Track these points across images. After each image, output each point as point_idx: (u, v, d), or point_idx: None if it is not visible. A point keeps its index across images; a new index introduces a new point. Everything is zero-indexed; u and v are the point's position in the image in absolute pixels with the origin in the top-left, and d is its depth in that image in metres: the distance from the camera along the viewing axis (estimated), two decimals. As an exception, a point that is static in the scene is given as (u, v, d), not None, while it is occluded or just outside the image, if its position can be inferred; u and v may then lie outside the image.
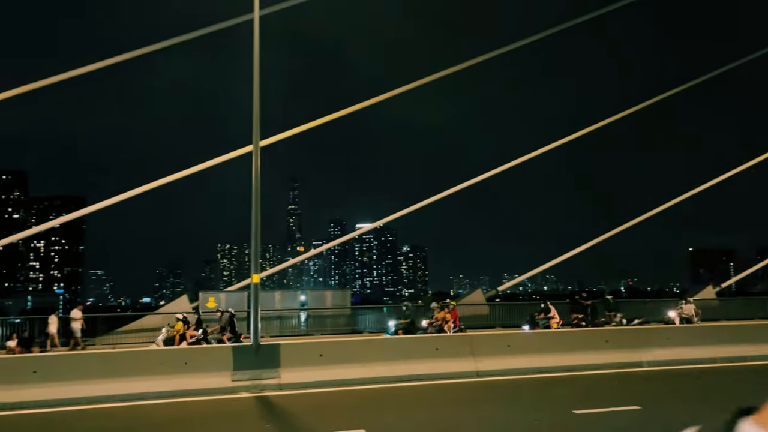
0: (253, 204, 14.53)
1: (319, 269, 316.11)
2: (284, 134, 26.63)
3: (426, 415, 10.56)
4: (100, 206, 26.46)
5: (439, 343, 14.82)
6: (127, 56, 25.08)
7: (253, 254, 14.50)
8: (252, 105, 15.18)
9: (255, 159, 14.86)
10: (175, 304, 27.04)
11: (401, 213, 31.92)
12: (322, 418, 10.40)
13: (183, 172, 26.58)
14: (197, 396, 12.10)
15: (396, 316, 25.60)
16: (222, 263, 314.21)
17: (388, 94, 29.35)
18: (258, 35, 15.29)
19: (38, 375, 11.89)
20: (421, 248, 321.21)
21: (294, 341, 16.04)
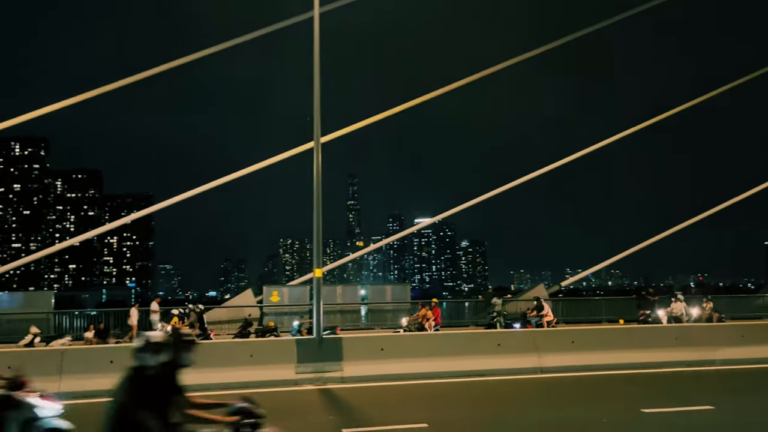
0: (314, 200, 14.74)
1: (378, 264, 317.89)
2: (344, 130, 26.88)
3: (489, 410, 10.48)
4: (168, 203, 27.47)
5: (502, 338, 14.67)
6: (193, 57, 25.89)
7: (315, 249, 14.71)
8: (312, 102, 15.38)
9: (316, 155, 15.06)
10: (240, 298, 27.79)
11: (460, 207, 31.72)
12: (385, 411, 10.48)
13: (246, 170, 27.25)
14: (262, 387, 12.38)
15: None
16: (284, 258, 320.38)
17: (447, 88, 29.20)
18: (318, 32, 15.47)
19: (115, 364, 12.44)
20: (481, 243, 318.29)
21: (355, 335, 16.20)
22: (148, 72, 25.39)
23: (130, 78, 25.29)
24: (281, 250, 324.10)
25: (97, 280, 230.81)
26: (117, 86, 25.14)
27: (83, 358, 12.60)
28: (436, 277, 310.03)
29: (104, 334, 20.80)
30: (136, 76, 25.29)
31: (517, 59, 28.93)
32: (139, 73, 25.34)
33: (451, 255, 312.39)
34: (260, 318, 25.42)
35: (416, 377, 13.16)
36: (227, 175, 27.11)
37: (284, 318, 25.72)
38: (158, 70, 25.42)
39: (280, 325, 23.78)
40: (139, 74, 25.33)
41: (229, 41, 25.63)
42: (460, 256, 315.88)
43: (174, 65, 25.65)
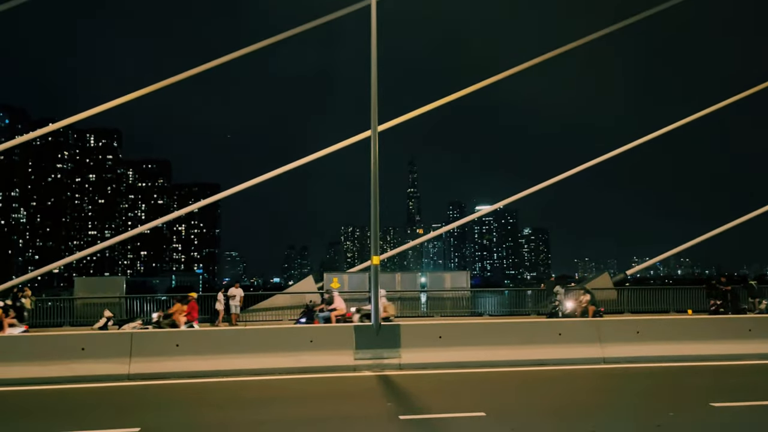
0: (372, 188, 14.79)
1: (438, 251, 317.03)
2: (402, 118, 26.83)
3: (548, 399, 10.30)
4: (233, 191, 28.20)
5: (563, 327, 14.35)
6: (254, 47, 26.34)
7: (373, 237, 14.77)
8: (370, 89, 15.38)
9: (373, 144, 15.08)
10: (301, 285, 28.33)
11: (522, 194, 31.19)
12: (443, 399, 10.45)
13: (308, 158, 27.62)
14: (321, 373, 12.60)
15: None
16: (345, 245, 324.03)
17: (506, 73, 28.64)
18: (375, 18, 15.42)
19: (180, 348, 12.91)
20: (544, 230, 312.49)
21: (414, 322, 16.20)
22: (212, 63, 26.02)
23: (195, 69, 25.98)
24: (342, 238, 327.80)
25: (167, 267, 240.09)
26: (182, 77, 25.90)
27: (151, 342, 13.10)
28: (497, 265, 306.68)
29: (167, 318, 21.53)
30: (200, 67, 25.95)
31: (583, 40, 28.07)
32: (203, 64, 26.01)
33: (513, 243, 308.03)
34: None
35: (474, 365, 13.07)
36: (290, 163, 27.58)
37: (346, 304, 26.03)
38: (222, 60, 26.02)
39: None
40: (203, 65, 25.98)
41: (290, 31, 25.92)
42: (522, 243, 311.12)
43: (238, 55, 26.19)
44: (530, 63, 28.63)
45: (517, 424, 8.61)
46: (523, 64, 28.66)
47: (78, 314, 24.64)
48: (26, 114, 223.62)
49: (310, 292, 26.34)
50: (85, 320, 23.29)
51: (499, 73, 28.67)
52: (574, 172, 30.82)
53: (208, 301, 25.33)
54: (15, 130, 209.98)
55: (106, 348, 12.74)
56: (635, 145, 30.40)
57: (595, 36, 28.30)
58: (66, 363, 12.29)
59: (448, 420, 8.89)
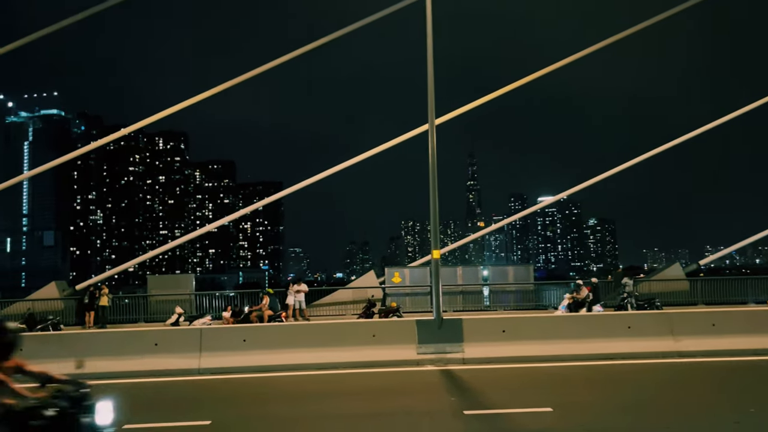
0: (430, 181, 14.71)
1: (500, 244, 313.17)
2: (460, 110, 26.57)
3: (618, 395, 9.97)
4: (295, 188, 28.69)
5: (632, 320, 13.88)
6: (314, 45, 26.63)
7: (433, 230, 14.70)
8: (426, 83, 15.28)
9: (431, 136, 14.99)
10: (363, 280, 28.51)
11: (586, 184, 30.42)
12: (508, 394, 10.29)
13: (367, 153, 27.77)
14: (384, 367, 12.62)
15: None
16: (406, 240, 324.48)
17: (564, 61, 27.91)
18: (430, 11, 15.30)
19: (247, 343, 13.23)
20: (610, 221, 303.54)
21: (476, 316, 16.04)
22: (270, 64, 26.47)
23: (254, 71, 26.50)
24: (403, 232, 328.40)
25: (234, 264, 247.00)
26: (242, 80, 26.48)
27: (219, 337, 13.48)
28: (562, 257, 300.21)
29: (239, 314, 22.13)
30: (258, 69, 26.45)
31: (649, 22, 27.03)
32: (260, 66, 26.49)
33: (578, 234, 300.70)
34: (383, 299, 25.94)
35: (539, 360, 12.81)
36: (350, 159, 27.80)
37: (406, 299, 26.08)
38: (279, 61, 26.44)
39: (402, 305, 24.12)
40: (260, 67, 26.46)
41: (345, 28, 26.06)
42: (587, 234, 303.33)
43: (295, 55, 26.55)
44: (589, 50, 27.82)
45: (588, 421, 8.37)
46: (581, 51, 27.89)
47: (151, 311, 25.62)
48: (100, 120, 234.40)
49: (371, 287, 26.49)
50: (158, 316, 24.19)
51: (558, 61, 27.99)
52: (641, 159, 29.81)
53: (276, 296, 25.89)
54: (90, 135, 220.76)
55: (178, 343, 13.19)
56: (707, 129, 29.08)
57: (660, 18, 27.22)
58: (140, 358, 12.80)
59: (514, 415, 8.74)
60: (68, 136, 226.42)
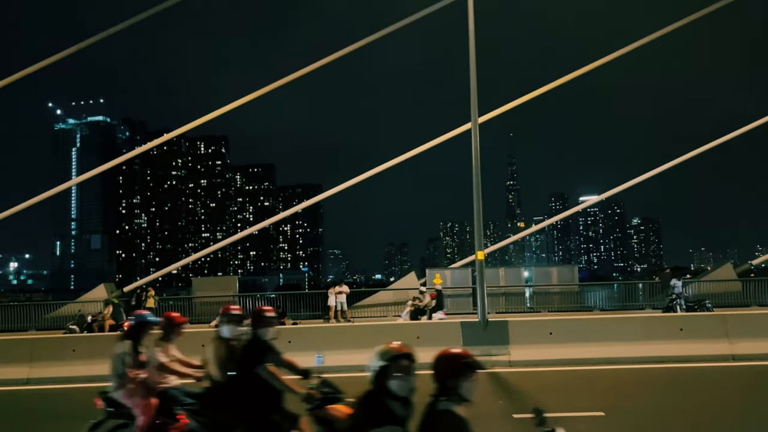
0: (474, 181, 14.56)
1: (541, 245, 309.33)
2: (502, 109, 26.27)
3: (672, 399, 9.66)
4: (334, 191, 28.81)
5: (685, 322, 13.46)
6: (351, 48, 26.72)
7: (477, 231, 14.54)
8: (469, 82, 15.14)
9: (474, 135, 14.83)
10: (404, 281, 28.45)
11: (630, 183, 29.75)
12: (556, 397, 10.07)
13: (405, 155, 27.71)
14: (428, 370, 12.50)
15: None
16: (445, 241, 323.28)
17: (607, 58, 27.35)
18: (472, 9, 15.17)
19: (292, 344, 13.27)
20: (654, 220, 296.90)
21: (522, 318, 15.81)
22: (308, 68, 26.65)
23: (292, 75, 26.71)
24: (441, 233, 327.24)
25: (274, 266, 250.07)
26: (281, 84, 26.73)
27: (265, 338, 13.56)
28: (604, 257, 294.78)
29: (281, 316, 22.30)
30: (296, 74, 26.66)
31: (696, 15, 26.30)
32: (298, 70, 26.69)
33: (621, 234, 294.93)
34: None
35: (587, 363, 12.52)
36: (388, 161, 27.79)
37: (447, 300, 25.88)
38: (317, 65, 26.61)
39: (445, 307, 23.92)
40: (298, 71, 26.66)
41: (386, 29, 26.05)
42: (630, 234, 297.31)
43: (332, 59, 26.68)
44: (632, 46, 27.22)
45: (643, 426, 8.14)
46: (624, 48, 27.30)
47: (196, 312, 26.04)
48: (144, 126, 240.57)
49: (412, 288, 26.38)
50: (203, 318, 24.56)
51: (599, 59, 27.45)
52: (687, 158, 29.02)
53: (316, 298, 26.05)
54: (134, 141, 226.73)
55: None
56: (756, 125, 28.11)
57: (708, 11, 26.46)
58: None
59: (565, 420, 8.52)
60: (113, 141, 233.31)
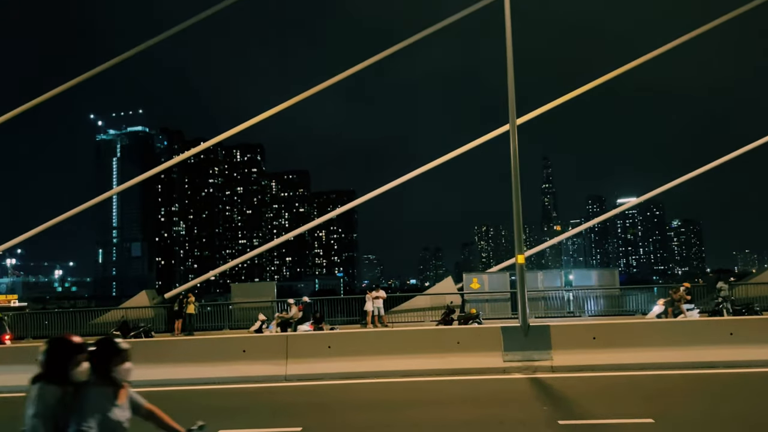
0: (512, 183, 14.39)
1: (578, 248, 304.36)
2: (538, 110, 25.96)
3: (723, 406, 9.32)
4: (368, 197, 28.83)
5: (736, 327, 13.02)
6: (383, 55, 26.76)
7: (516, 234, 14.35)
8: (507, 84, 14.99)
9: (512, 137, 14.66)
10: (441, 286, 28.29)
11: (670, 185, 29.07)
12: (603, 403, 9.84)
13: (440, 159, 27.59)
14: (469, 375, 12.37)
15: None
16: (479, 245, 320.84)
17: (645, 58, 26.81)
18: (509, 12, 15.02)
19: (332, 350, 13.30)
20: (695, 222, 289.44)
21: (564, 323, 15.52)
22: (340, 76, 26.76)
23: (327, 82, 26.86)
24: (476, 238, 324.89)
25: (310, 271, 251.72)
26: (315, 92, 26.90)
27: (305, 344, 13.61)
28: (644, 260, 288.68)
29: (319, 321, 22.37)
30: (329, 81, 26.81)
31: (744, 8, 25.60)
32: (331, 78, 26.83)
33: (661, 236, 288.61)
34: (461, 305, 25.59)
35: (633, 368, 12.20)
36: (421, 166, 27.69)
37: (485, 305, 25.63)
38: (349, 72, 26.71)
39: (482, 311, 23.69)
40: (331, 79, 26.81)
41: (418, 34, 26.04)
42: (671, 237, 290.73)
43: (365, 66, 26.75)
44: (670, 45, 26.63)
45: (694, 434, 7.86)
46: (662, 47, 26.73)
47: (235, 318, 26.31)
48: (182, 135, 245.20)
49: (449, 293, 26.21)
50: (241, 323, 24.82)
51: (637, 59, 26.93)
52: (729, 158, 28.22)
53: (353, 303, 26.08)
54: (172, 150, 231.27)
55: (265, 350, 13.41)
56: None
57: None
58: (229, 364, 13.09)
59: (613, 426, 8.32)
60: (152, 151, 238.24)
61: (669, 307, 20.92)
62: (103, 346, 3.90)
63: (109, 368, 3.83)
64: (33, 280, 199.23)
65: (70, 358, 3.72)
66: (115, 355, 3.87)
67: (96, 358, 3.84)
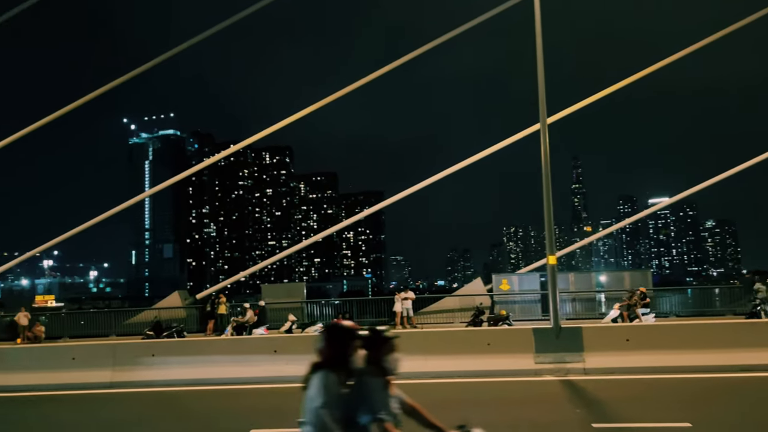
0: (543, 183, 14.25)
1: (609, 249, 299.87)
2: (570, 109, 25.66)
3: (762, 410, 9.09)
4: (396, 198, 28.82)
5: (775, 329, 12.71)
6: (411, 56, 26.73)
7: (548, 234, 14.21)
8: (536, 83, 14.86)
9: (543, 136, 14.53)
10: (470, 287, 28.13)
11: (703, 185, 28.44)
12: (638, 407, 9.67)
13: (467, 161, 27.41)
14: (500, 377, 12.28)
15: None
16: (508, 246, 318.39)
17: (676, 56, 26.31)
18: (539, 11, 14.90)
19: (362, 350, 13.32)
20: (730, 222, 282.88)
21: (596, 324, 15.32)
22: (369, 77, 26.80)
23: (353, 85, 26.91)
24: (505, 239, 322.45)
25: (338, 272, 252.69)
26: (342, 94, 26.97)
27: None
28: (677, 261, 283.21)
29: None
30: (357, 83, 26.84)
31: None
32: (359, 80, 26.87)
33: (695, 237, 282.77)
34: (491, 306, 25.42)
35: (667, 371, 11.97)
36: (449, 167, 27.58)
37: (515, 306, 25.41)
38: (376, 75, 26.73)
39: (512, 313, 23.50)
40: (359, 81, 26.84)
41: (447, 34, 25.95)
42: (705, 237, 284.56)
43: (391, 68, 26.75)
44: (702, 43, 26.09)
45: (733, 438, 7.68)
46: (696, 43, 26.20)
47: (266, 318, 26.50)
48: (212, 138, 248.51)
49: (479, 294, 26.05)
50: (271, 324, 24.99)
51: (669, 56, 26.45)
52: (765, 157, 27.53)
53: (381, 304, 26.09)
54: (203, 153, 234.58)
55: (296, 350, 13.51)
56: None
57: None
58: (262, 364, 13.23)
59: (649, 431, 8.18)
60: (183, 154, 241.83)
61: (624, 311, 20.71)
62: (374, 334, 3.76)
63: (380, 357, 3.68)
64: (69, 281, 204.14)
65: (349, 345, 3.60)
66: (385, 344, 3.73)
67: (369, 345, 3.70)
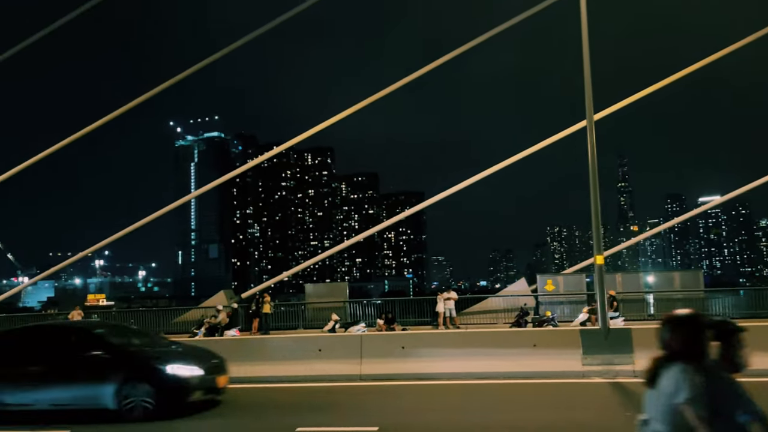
0: (590, 181, 13.98)
1: (656, 249, 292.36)
2: (615, 106, 25.09)
3: None
4: (437, 198, 28.71)
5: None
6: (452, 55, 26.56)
7: (595, 234, 13.92)
8: (583, 79, 14.57)
9: (590, 133, 14.24)
10: (515, 287, 27.82)
11: (756, 183, 27.40)
12: (691, 411, 9.35)
13: (510, 160, 27.08)
14: (546, 378, 12.07)
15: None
16: (552, 246, 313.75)
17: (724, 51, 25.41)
18: (585, 6, 14.61)
19: (405, 350, 13.30)
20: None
21: (646, 326, 14.89)
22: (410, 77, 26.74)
23: (395, 85, 26.90)
24: (548, 239, 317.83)
25: (380, 272, 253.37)
26: (384, 94, 26.98)
27: (378, 344, 13.69)
28: (728, 261, 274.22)
29: (392, 321, 22.43)
30: (397, 84, 26.82)
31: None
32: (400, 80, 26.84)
33: (748, 236, 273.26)
34: (536, 307, 25.05)
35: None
36: (490, 167, 27.30)
37: (560, 307, 24.99)
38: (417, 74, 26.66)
39: (557, 314, 23.11)
40: (400, 81, 26.81)
41: (489, 32, 25.67)
42: (758, 237, 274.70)
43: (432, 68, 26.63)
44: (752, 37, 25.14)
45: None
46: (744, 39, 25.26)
47: (309, 318, 26.75)
48: (255, 139, 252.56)
49: (523, 294, 25.70)
50: (315, 323, 25.21)
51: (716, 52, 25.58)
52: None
53: (424, 304, 26.01)
54: (247, 154, 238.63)
55: (340, 350, 13.58)
56: None
57: None
58: (306, 363, 13.33)
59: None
60: (228, 155, 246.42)
61: (593, 314, 19.93)
62: (726, 325, 3.44)
63: (732, 351, 3.32)
64: (119, 280, 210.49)
65: (704, 336, 3.29)
66: (737, 337, 3.36)
67: (722, 337, 3.36)
